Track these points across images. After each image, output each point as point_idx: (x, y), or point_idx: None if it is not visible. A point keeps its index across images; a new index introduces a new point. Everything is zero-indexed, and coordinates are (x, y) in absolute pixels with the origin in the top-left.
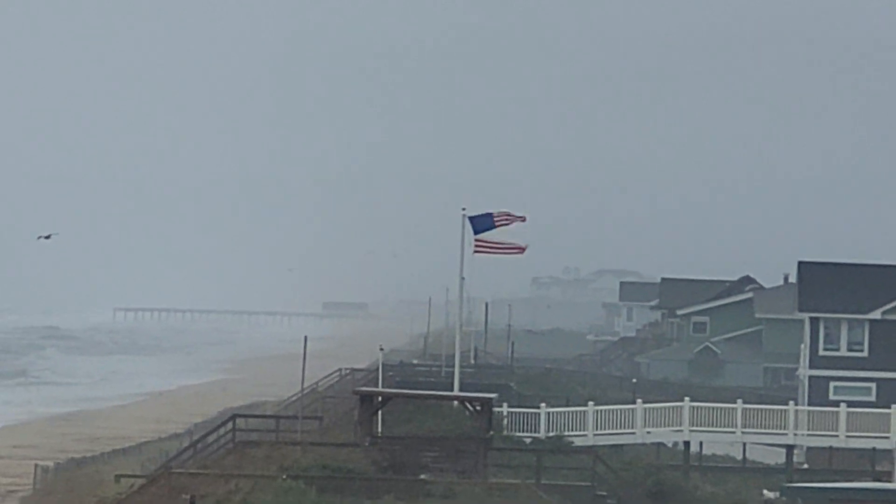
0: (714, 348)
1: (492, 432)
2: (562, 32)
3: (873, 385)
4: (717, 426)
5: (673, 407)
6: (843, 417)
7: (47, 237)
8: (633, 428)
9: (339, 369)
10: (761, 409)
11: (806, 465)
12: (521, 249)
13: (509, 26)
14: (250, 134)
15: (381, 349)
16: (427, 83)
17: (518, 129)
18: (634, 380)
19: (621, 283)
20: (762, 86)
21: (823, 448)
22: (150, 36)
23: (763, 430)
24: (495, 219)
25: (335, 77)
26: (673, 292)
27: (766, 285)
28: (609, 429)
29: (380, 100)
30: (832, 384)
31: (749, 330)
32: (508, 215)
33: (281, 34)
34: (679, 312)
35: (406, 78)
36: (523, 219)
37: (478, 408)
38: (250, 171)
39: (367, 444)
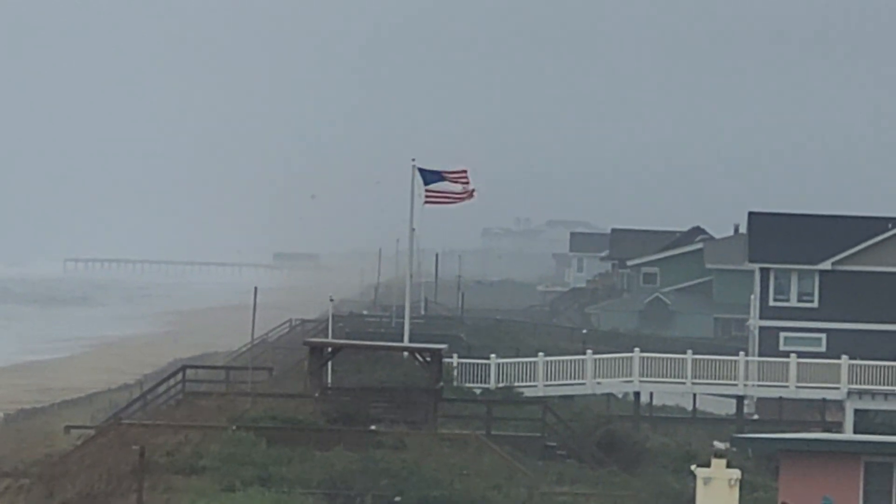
0: (664, 299)
1: (442, 383)
2: None
3: (823, 336)
4: (667, 377)
5: (623, 358)
6: (793, 368)
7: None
8: (583, 379)
9: (290, 320)
10: (711, 360)
11: (756, 416)
12: (471, 194)
13: None
14: (207, 84)
15: (332, 300)
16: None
17: (468, 85)
18: (585, 330)
19: (572, 234)
20: (715, 40)
21: (773, 399)
22: None
23: (713, 381)
24: (444, 174)
25: (299, 41)
26: (623, 243)
27: (717, 236)
28: (559, 379)
29: (337, 59)
30: (782, 335)
31: (699, 280)
32: (459, 172)
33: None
34: (629, 263)
35: (367, 42)
36: (471, 189)
37: (428, 359)
38: (204, 123)
39: (317, 394)
